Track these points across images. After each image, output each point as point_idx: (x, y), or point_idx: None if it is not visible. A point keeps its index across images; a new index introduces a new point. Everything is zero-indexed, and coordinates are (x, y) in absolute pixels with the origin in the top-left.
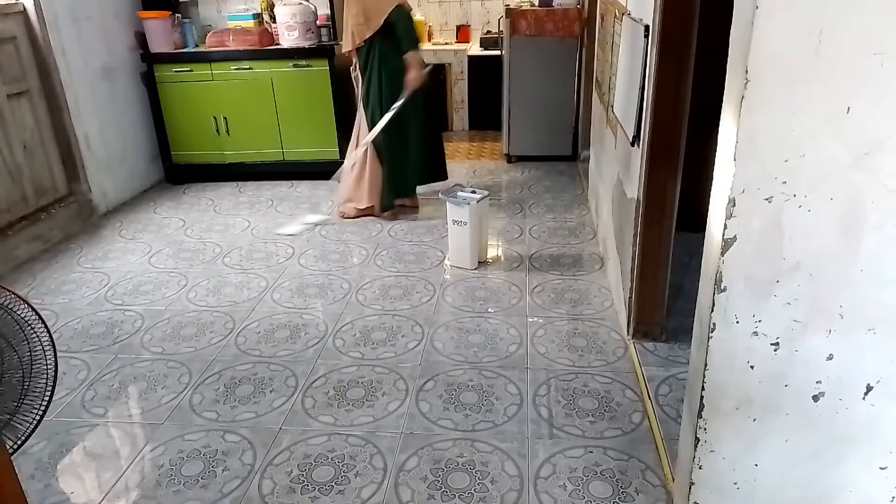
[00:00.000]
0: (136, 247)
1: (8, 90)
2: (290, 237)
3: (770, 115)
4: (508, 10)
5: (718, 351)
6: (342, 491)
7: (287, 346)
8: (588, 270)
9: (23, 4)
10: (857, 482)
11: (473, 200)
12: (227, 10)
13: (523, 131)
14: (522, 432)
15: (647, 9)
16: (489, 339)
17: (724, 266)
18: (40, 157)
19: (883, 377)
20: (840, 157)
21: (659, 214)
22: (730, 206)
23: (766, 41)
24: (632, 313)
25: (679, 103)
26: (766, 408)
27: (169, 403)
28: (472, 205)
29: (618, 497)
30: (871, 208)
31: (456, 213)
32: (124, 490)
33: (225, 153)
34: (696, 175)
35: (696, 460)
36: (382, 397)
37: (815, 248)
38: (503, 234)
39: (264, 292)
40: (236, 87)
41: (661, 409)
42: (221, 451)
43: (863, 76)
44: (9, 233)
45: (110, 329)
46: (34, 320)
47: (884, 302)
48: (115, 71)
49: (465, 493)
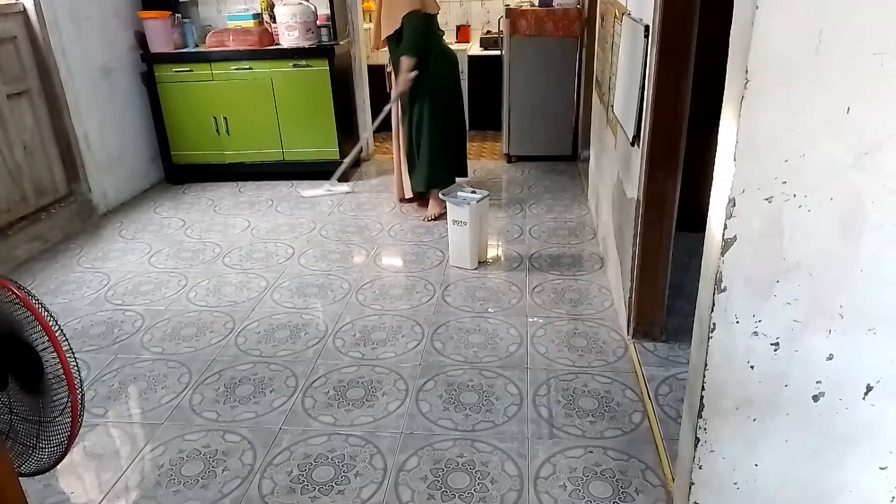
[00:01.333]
0: (136, 247)
1: (8, 90)
2: (313, 199)
3: (770, 115)
4: (508, 10)
5: (718, 351)
6: (342, 491)
7: (287, 346)
8: (588, 270)
9: (23, 4)
10: (857, 482)
11: (473, 200)
12: (227, 10)
13: (523, 131)
14: (522, 432)
15: (647, 9)
16: (489, 339)
17: (724, 266)
18: (40, 157)
19: (883, 377)
20: (840, 157)
21: (659, 214)
22: (730, 206)
23: (766, 41)
24: (632, 313)
25: (679, 103)
26: (766, 408)
27: (169, 403)
28: (473, 205)
29: (618, 497)
30: (871, 208)
31: (456, 213)
32: (124, 490)
33: (225, 153)
34: (696, 175)
35: (696, 460)
36: (382, 397)
37: (815, 248)
38: (503, 234)
39: (264, 292)
40: (236, 87)
41: (661, 409)
42: (221, 451)
43: (863, 76)
44: (9, 233)
45: (110, 329)
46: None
47: (884, 302)
48: (115, 71)
49: (465, 493)
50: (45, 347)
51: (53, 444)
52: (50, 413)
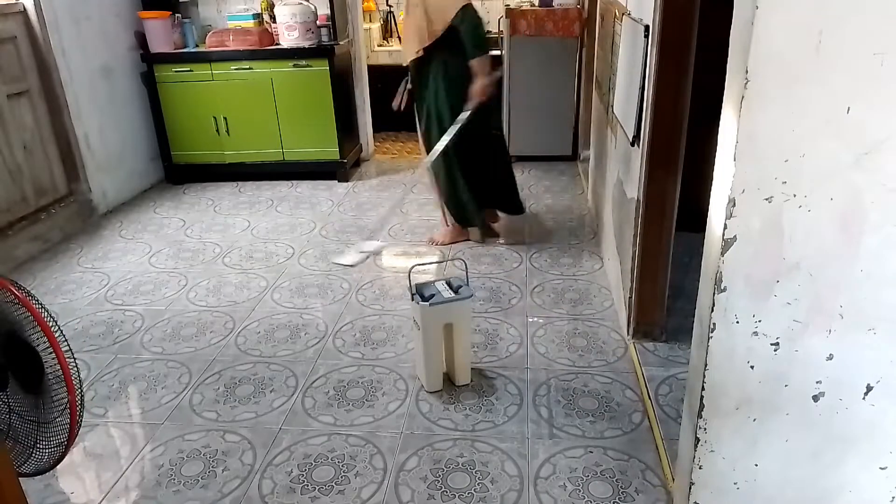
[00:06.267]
0: (136, 247)
1: (8, 90)
2: (348, 268)
3: (770, 115)
4: (508, 10)
5: (718, 351)
6: (342, 491)
7: (287, 346)
8: (588, 270)
9: (23, 4)
10: (857, 482)
11: (436, 300)
12: (227, 10)
13: (523, 131)
14: (522, 432)
15: (647, 9)
16: (489, 339)
17: (724, 266)
18: (40, 157)
19: (883, 377)
20: (840, 157)
21: (659, 214)
22: (730, 206)
23: (765, 41)
24: (632, 313)
25: (679, 103)
26: (766, 408)
27: (169, 403)
28: (423, 306)
29: (618, 497)
30: (871, 208)
31: (413, 307)
32: (124, 490)
33: (225, 153)
34: (696, 175)
35: (696, 460)
36: (382, 397)
37: (815, 248)
38: (503, 234)
39: (264, 292)
40: (236, 87)
41: (661, 409)
42: (221, 451)
43: (863, 76)
44: (9, 233)
45: (110, 329)
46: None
47: (884, 302)
48: (115, 71)
49: (465, 493)
50: (45, 348)
51: (53, 445)
52: (49, 413)
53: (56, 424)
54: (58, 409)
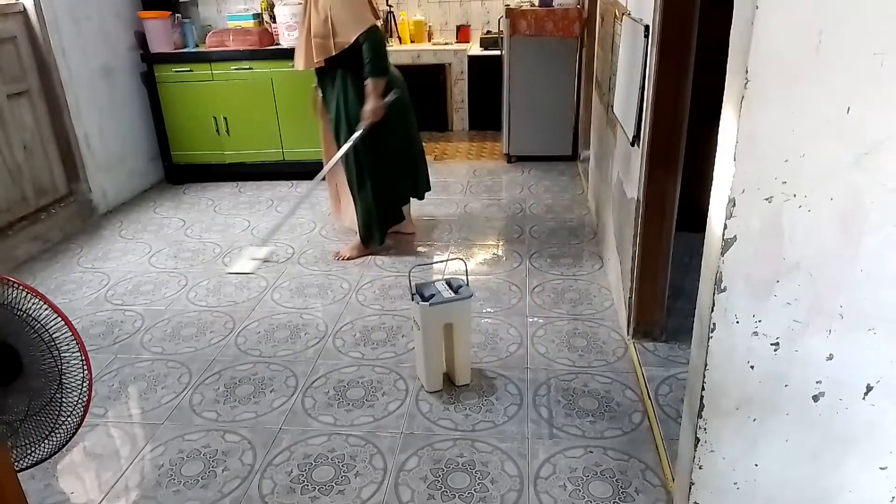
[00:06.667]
0: (136, 247)
1: (8, 90)
2: (242, 276)
3: (770, 115)
4: (508, 10)
5: (718, 351)
6: (342, 491)
7: (287, 346)
8: (588, 270)
9: (23, 4)
10: (857, 482)
11: (437, 299)
12: (227, 10)
13: (523, 131)
14: (522, 432)
15: (647, 9)
16: (489, 339)
17: (724, 266)
18: (40, 157)
19: (883, 377)
20: (840, 157)
21: (659, 214)
22: (730, 206)
23: (765, 41)
24: (632, 313)
25: (679, 103)
26: (766, 408)
27: (169, 403)
28: (423, 306)
29: (618, 497)
30: (871, 208)
31: (413, 307)
32: (124, 490)
33: (225, 153)
34: (696, 175)
35: (696, 460)
36: (382, 397)
37: (815, 248)
38: (503, 234)
39: (264, 292)
40: (236, 88)
41: (661, 409)
42: (221, 451)
43: (863, 76)
44: (9, 233)
45: (110, 329)
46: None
47: (884, 302)
48: (114, 71)
49: (465, 493)
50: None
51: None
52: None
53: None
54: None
